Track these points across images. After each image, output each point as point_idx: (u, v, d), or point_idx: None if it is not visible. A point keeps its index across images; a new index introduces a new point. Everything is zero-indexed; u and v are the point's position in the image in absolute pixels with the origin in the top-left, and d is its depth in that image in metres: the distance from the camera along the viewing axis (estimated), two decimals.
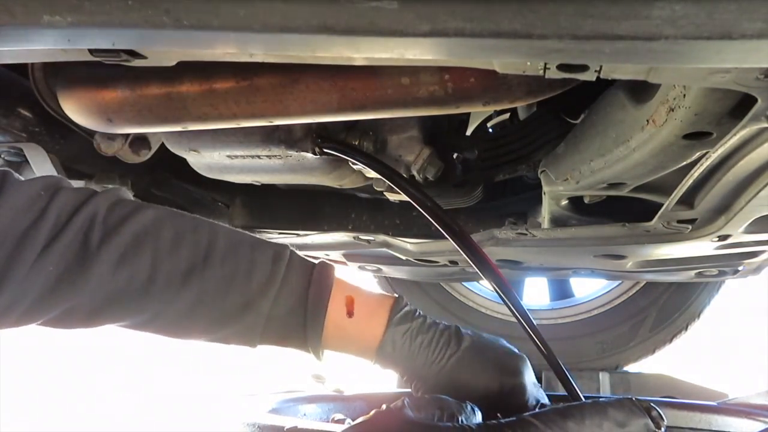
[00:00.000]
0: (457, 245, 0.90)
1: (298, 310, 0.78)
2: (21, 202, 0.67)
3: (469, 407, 0.77)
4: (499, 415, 0.79)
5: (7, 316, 0.67)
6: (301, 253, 0.83)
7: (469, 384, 0.81)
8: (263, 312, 0.76)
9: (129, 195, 0.78)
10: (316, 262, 0.83)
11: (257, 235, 0.82)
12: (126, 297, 0.71)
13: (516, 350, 0.86)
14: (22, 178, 0.70)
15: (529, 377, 0.83)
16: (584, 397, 0.81)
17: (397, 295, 0.85)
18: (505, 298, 0.84)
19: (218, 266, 0.74)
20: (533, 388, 0.83)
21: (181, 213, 0.78)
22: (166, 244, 0.72)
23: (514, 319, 0.88)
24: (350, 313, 0.80)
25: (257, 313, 0.76)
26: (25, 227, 0.66)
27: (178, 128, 1.00)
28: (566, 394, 0.84)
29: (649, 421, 0.67)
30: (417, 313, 0.84)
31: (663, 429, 0.67)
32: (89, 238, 0.69)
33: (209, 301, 0.74)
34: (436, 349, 0.81)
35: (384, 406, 0.72)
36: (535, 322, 0.84)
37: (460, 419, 0.75)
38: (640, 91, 0.77)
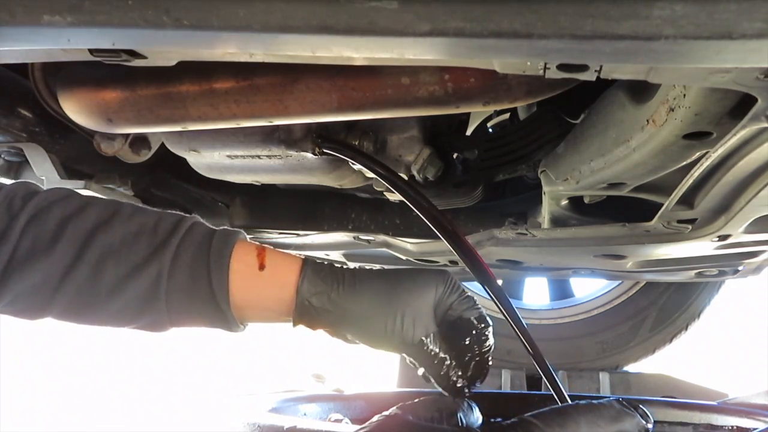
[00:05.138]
0: (450, 245, 0.90)
1: (202, 256, 0.76)
2: None
3: (466, 404, 0.77)
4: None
5: None
6: (302, 254, 0.82)
7: (356, 314, 0.76)
8: (167, 258, 0.75)
9: (40, 188, 0.82)
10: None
11: (254, 235, 0.81)
12: (33, 257, 0.73)
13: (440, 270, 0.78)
14: None
15: (425, 298, 0.76)
16: (570, 397, 0.83)
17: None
18: (494, 297, 0.84)
19: (125, 222, 0.77)
20: (427, 314, 0.76)
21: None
22: (74, 209, 0.76)
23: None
24: (262, 263, 0.78)
25: (161, 261, 0.75)
26: None
27: (178, 128, 1.00)
28: (551, 393, 0.85)
29: (640, 418, 0.71)
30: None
31: (651, 424, 0.71)
32: (10, 210, 0.74)
33: (115, 255, 0.75)
34: (353, 280, 0.77)
35: (386, 413, 0.72)
36: (525, 323, 0.84)
37: (459, 417, 0.75)
38: (640, 91, 0.77)
